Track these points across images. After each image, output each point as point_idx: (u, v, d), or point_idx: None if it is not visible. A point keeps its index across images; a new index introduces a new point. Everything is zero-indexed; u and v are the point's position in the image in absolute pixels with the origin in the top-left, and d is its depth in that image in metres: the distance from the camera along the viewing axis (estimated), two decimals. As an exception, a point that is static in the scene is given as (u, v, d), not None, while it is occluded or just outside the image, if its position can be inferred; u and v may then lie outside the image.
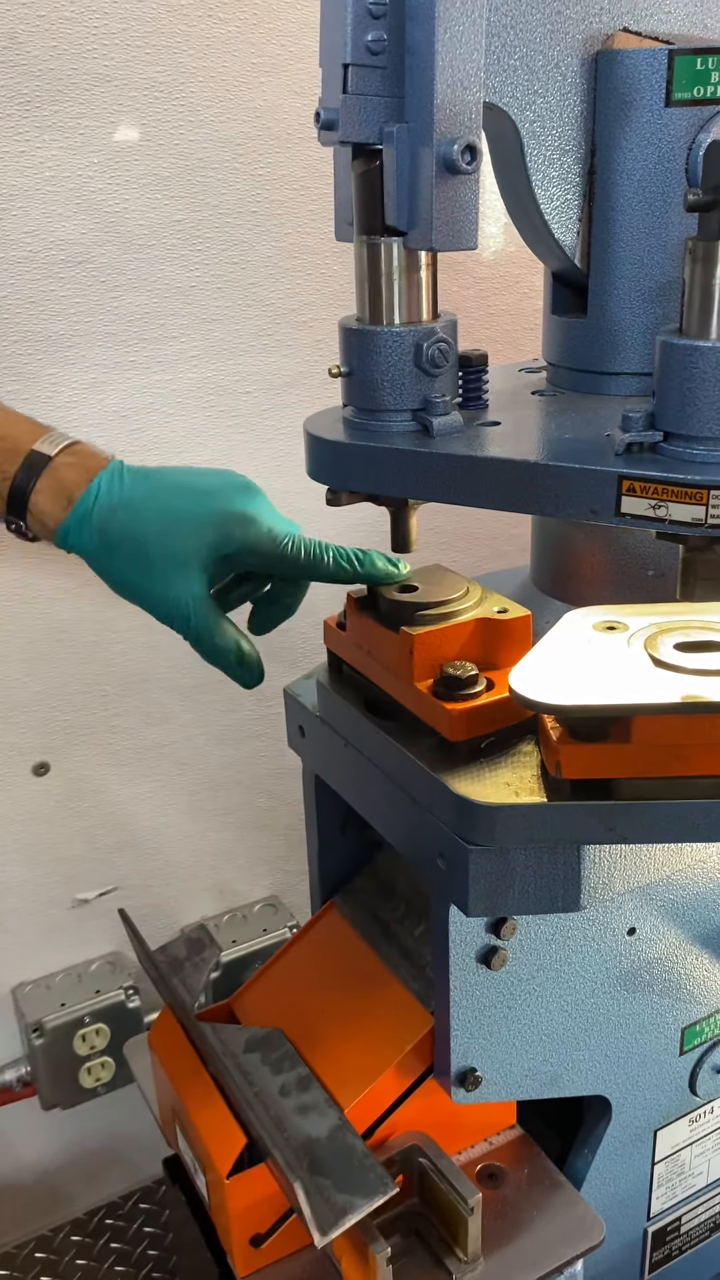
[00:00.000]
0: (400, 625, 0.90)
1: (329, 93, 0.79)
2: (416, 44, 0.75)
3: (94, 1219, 1.55)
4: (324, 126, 0.79)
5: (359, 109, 0.77)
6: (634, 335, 0.92)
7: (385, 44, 0.76)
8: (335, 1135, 0.94)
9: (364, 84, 0.77)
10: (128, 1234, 1.53)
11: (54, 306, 1.31)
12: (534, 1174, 1.05)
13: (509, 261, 1.56)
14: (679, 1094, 1.10)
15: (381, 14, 0.75)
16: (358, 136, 0.78)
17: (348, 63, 0.76)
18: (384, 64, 0.76)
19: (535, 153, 0.87)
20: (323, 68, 0.80)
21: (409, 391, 0.84)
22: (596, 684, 0.78)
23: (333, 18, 0.77)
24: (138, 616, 1.48)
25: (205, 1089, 1.02)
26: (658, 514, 0.74)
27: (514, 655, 0.88)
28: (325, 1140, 0.94)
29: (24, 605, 1.41)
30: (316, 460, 0.88)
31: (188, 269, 1.37)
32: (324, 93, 0.80)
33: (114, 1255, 1.48)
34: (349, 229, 0.84)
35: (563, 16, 0.85)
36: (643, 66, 0.85)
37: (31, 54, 1.22)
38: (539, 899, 0.86)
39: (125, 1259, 1.46)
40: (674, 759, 0.79)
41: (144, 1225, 1.55)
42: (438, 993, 0.95)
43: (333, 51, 0.77)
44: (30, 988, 1.54)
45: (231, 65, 1.33)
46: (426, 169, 0.77)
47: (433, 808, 0.87)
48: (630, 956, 1.00)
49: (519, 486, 0.79)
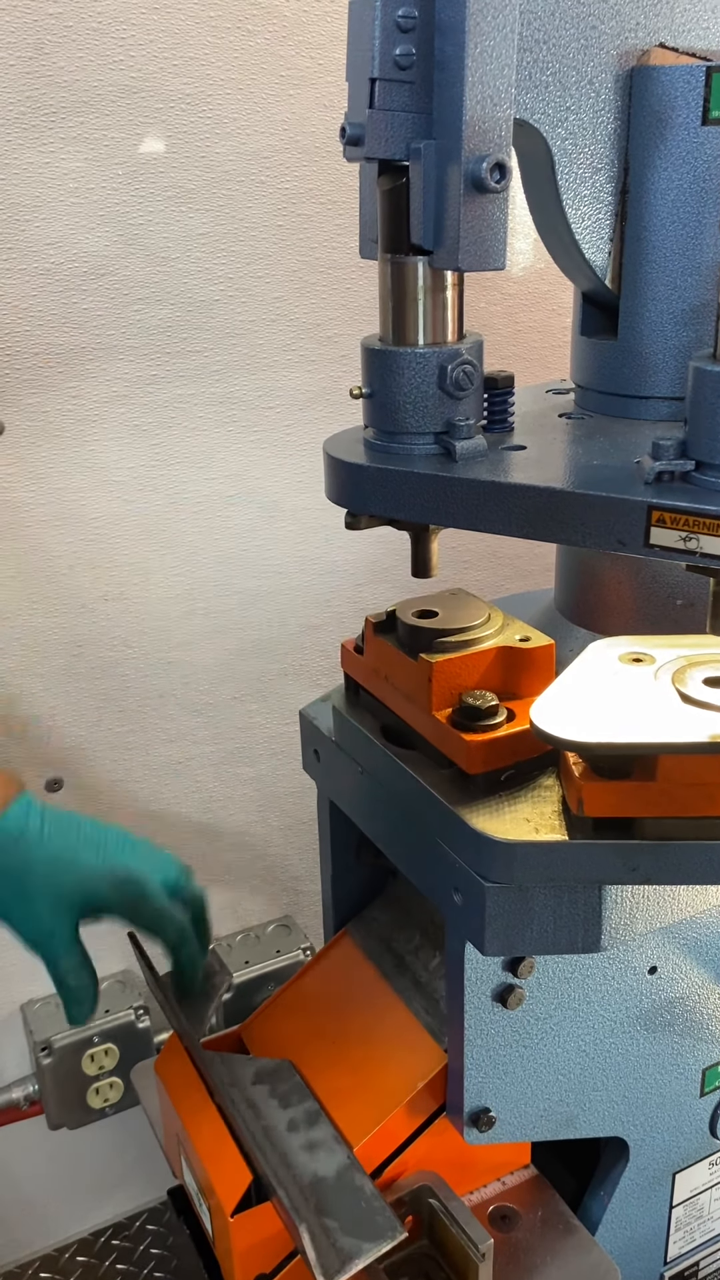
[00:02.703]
0: (419, 652, 0.88)
1: (355, 107, 0.77)
2: (446, 58, 0.73)
3: (100, 1239, 1.53)
4: (349, 142, 0.77)
5: (386, 124, 0.75)
6: (665, 359, 0.89)
7: (414, 58, 0.74)
8: (343, 1175, 0.91)
9: (391, 99, 0.75)
10: (134, 1255, 1.51)
11: (76, 319, 1.30)
12: (548, 1217, 1.02)
13: (538, 278, 1.54)
14: (699, 1136, 1.07)
15: (411, 27, 0.73)
16: (384, 152, 0.76)
17: (375, 77, 0.74)
18: (412, 79, 0.74)
19: (566, 171, 0.85)
20: (349, 82, 0.78)
21: (431, 414, 0.82)
22: (621, 720, 0.75)
23: (360, 31, 0.75)
24: (154, 634, 1.47)
25: (211, 1121, 1.00)
26: (688, 546, 0.71)
27: (536, 685, 0.86)
28: (333, 1180, 0.91)
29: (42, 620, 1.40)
30: (335, 482, 0.86)
31: (211, 283, 1.36)
32: (350, 107, 0.78)
33: (119, 1276, 1.46)
34: (373, 246, 0.82)
35: (597, 32, 0.82)
36: (679, 84, 0.83)
37: (57, 65, 1.21)
38: (558, 939, 0.83)
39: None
40: (701, 799, 0.77)
41: (151, 1247, 1.53)
42: (451, 1030, 0.92)
43: (360, 65, 0.75)
44: (39, 1005, 1.52)
45: (260, 78, 1.31)
46: (454, 187, 0.75)
47: (449, 842, 0.85)
48: (651, 996, 0.97)
49: (543, 515, 0.77)
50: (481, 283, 1.51)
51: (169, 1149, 1.10)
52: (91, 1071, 1.49)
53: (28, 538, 1.37)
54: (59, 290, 1.28)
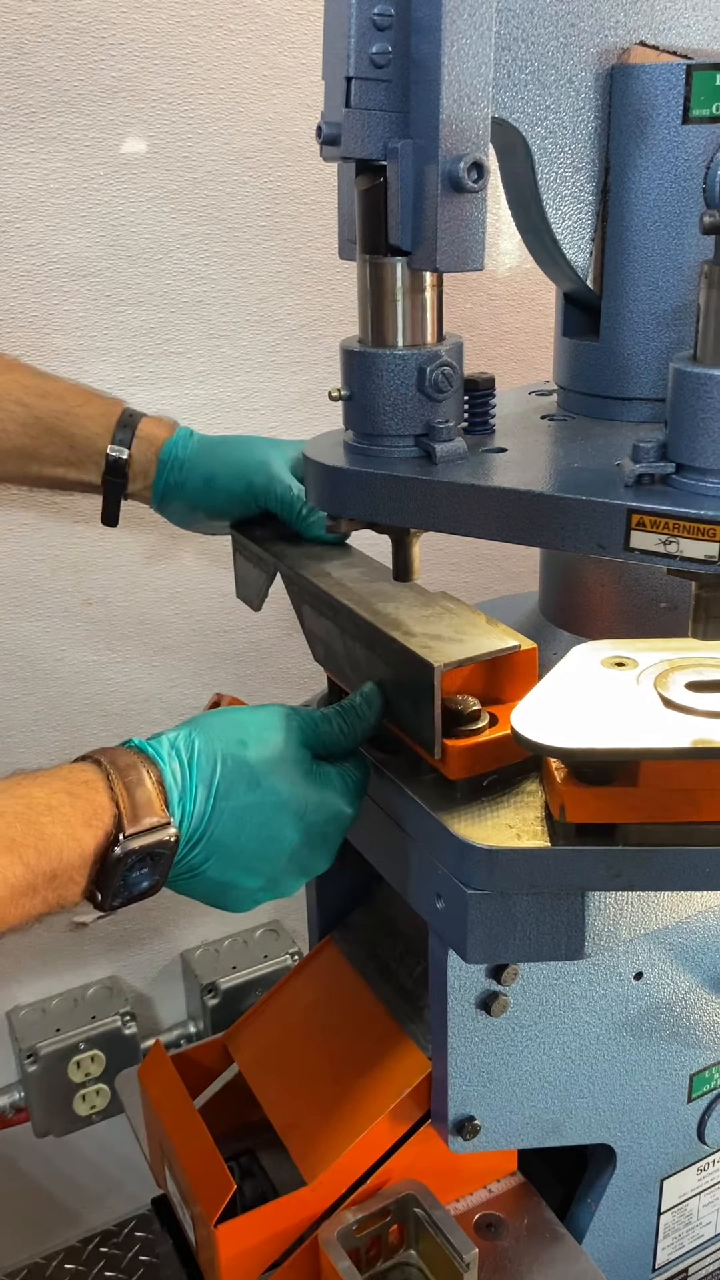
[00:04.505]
0: (400, 657, 0.87)
1: (331, 106, 0.76)
2: (422, 57, 0.72)
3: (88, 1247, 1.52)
4: (326, 141, 0.76)
5: (362, 123, 0.74)
6: (648, 360, 0.88)
7: (390, 56, 0.73)
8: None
9: (368, 98, 0.74)
10: (122, 1262, 1.49)
11: (58, 320, 1.29)
12: (534, 1224, 1.01)
13: (524, 278, 1.53)
14: (687, 1142, 1.06)
15: (387, 25, 0.72)
16: (361, 152, 0.75)
17: (351, 75, 0.73)
18: (389, 77, 0.73)
19: (547, 170, 0.84)
20: (326, 80, 0.77)
21: (411, 416, 0.81)
22: (603, 725, 0.74)
23: (336, 29, 0.74)
24: (139, 637, 1.46)
25: (195, 1129, 0.99)
26: (668, 549, 0.70)
27: (519, 689, 0.85)
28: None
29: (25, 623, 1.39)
30: (315, 485, 0.85)
31: (195, 284, 1.35)
32: (326, 106, 0.77)
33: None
34: (352, 248, 0.81)
35: (576, 30, 0.81)
36: (660, 82, 0.82)
37: (38, 65, 1.20)
38: (541, 946, 0.82)
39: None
40: (684, 804, 0.76)
41: (139, 1254, 1.52)
42: (435, 1038, 0.91)
43: (336, 64, 0.74)
44: (25, 1012, 1.51)
45: (242, 77, 1.30)
46: (431, 186, 0.74)
47: (431, 848, 0.84)
48: (637, 1001, 0.96)
49: (523, 518, 0.76)
50: (467, 284, 1.50)
51: (153, 1157, 1.09)
52: (78, 1078, 1.48)
53: (10, 541, 1.36)
54: (41, 292, 1.27)
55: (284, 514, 1.06)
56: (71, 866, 0.74)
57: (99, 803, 0.75)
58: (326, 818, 0.84)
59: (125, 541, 1.41)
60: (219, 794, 0.80)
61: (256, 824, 0.81)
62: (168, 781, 0.78)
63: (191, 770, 0.80)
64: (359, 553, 1.04)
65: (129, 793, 0.76)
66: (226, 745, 0.81)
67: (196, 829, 0.79)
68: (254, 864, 0.82)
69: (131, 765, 0.78)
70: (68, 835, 0.73)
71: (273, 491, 1.06)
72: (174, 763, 0.79)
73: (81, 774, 0.77)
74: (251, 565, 1.11)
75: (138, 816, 0.75)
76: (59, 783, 0.75)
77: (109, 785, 0.76)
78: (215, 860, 0.80)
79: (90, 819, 0.74)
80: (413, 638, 0.86)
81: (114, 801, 0.75)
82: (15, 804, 0.72)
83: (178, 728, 0.83)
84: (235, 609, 1.50)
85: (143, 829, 0.75)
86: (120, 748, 0.81)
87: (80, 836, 0.74)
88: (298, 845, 0.83)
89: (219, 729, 0.83)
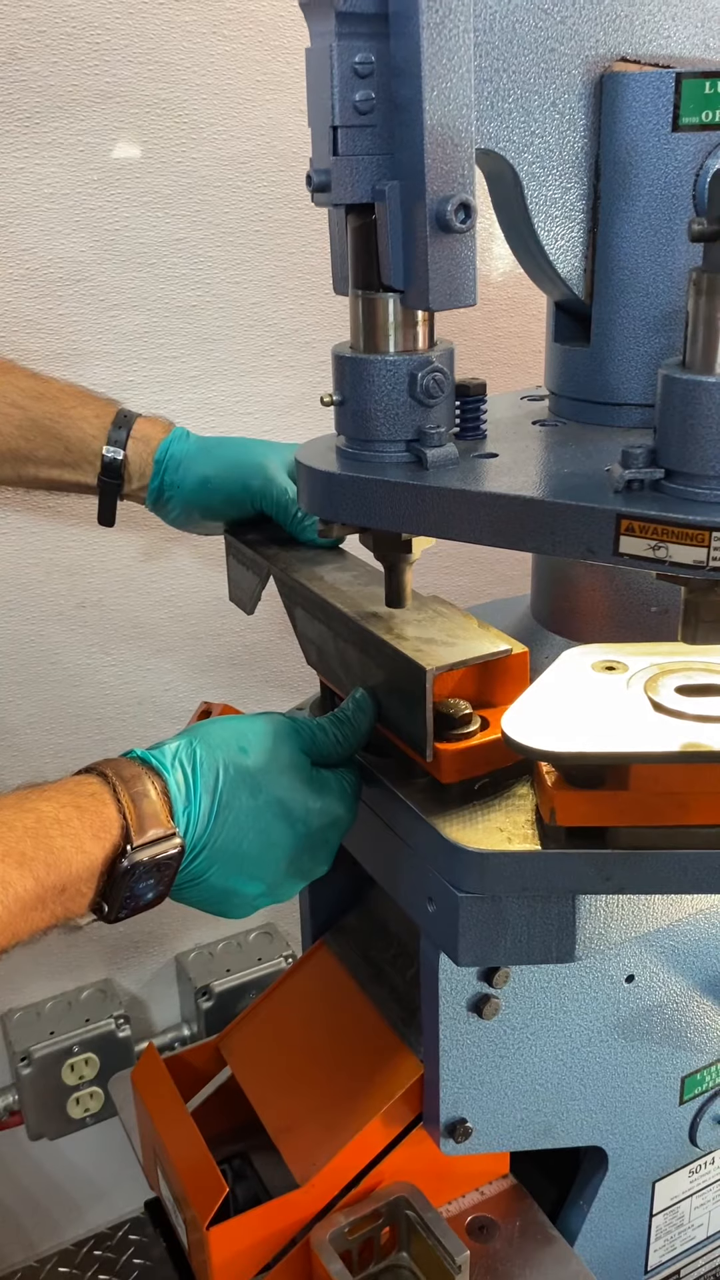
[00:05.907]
0: (392, 661, 0.87)
1: (319, 154, 0.76)
2: (405, 101, 0.72)
3: (82, 1250, 1.52)
4: (317, 189, 0.76)
5: (351, 169, 0.74)
6: (638, 365, 0.89)
7: (374, 102, 0.73)
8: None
9: (354, 144, 0.74)
10: (116, 1265, 1.49)
11: (51, 325, 1.29)
12: (526, 1227, 1.01)
13: (517, 283, 1.53)
14: (678, 1145, 1.07)
15: (368, 73, 0.72)
16: (351, 198, 0.75)
17: (336, 125, 0.73)
18: (373, 122, 0.73)
19: (536, 194, 0.84)
20: (312, 128, 0.77)
21: (403, 422, 0.81)
22: (593, 729, 0.75)
23: (318, 79, 0.74)
24: (133, 640, 1.46)
25: (188, 1132, 0.99)
26: (657, 555, 0.71)
27: (510, 693, 0.86)
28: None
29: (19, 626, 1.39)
30: (307, 491, 0.85)
31: (188, 288, 1.35)
32: (314, 153, 0.77)
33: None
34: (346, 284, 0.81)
35: (557, 54, 0.81)
36: (648, 91, 0.82)
37: (31, 70, 1.21)
38: (532, 949, 0.82)
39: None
40: (674, 808, 0.76)
41: (134, 1257, 1.52)
42: (427, 1041, 0.92)
43: (320, 113, 0.75)
44: (19, 1015, 1.51)
45: (235, 82, 1.31)
46: (420, 227, 0.74)
47: (423, 851, 0.84)
48: (628, 1004, 0.97)
49: (513, 523, 0.76)
50: (460, 287, 1.50)
51: (146, 1160, 1.09)
52: (72, 1081, 1.48)
53: (4, 544, 1.36)
54: (34, 295, 1.28)
55: (278, 517, 1.07)
56: (79, 879, 0.74)
57: (106, 815, 0.75)
58: (327, 823, 0.85)
59: (119, 545, 1.41)
60: (222, 802, 0.80)
61: (258, 830, 0.81)
62: (173, 792, 0.79)
63: (195, 779, 0.80)
64: (352, 557, 1.04)
65: (135, 804, 0.76)
66: (228, 753, 0.82)
67: (200, 838, 0.79)
68: (255, 870, 0.82)
69: (136, 776, 0.78)
70: (76, 848, 0.73)
71: (269, 494, 1.06)
72: (178, 773, 0.80)
73: (87, 787, 0.77)
74: (245, 568, 1.11)
75: (144, 828, 0.76)
76: (66, 796, 0.76)
77: (115, 797, 0.76)
78: (218, 868, 0.81)
79: (98, 831, 0.74)
80: (405, 641, 0.86)
81: (121, 814, 0.75)
82: (25, 818, 0.73)
83: (177, 737, 0.84)
84: (228, 612, 1.51)
85: (149, 840, 0.76)
86: (123, 759, 0.81)
87: (89, 849, 0.74)
88: (298, 851, 0.84)
89: (219, 737, 0.83)
